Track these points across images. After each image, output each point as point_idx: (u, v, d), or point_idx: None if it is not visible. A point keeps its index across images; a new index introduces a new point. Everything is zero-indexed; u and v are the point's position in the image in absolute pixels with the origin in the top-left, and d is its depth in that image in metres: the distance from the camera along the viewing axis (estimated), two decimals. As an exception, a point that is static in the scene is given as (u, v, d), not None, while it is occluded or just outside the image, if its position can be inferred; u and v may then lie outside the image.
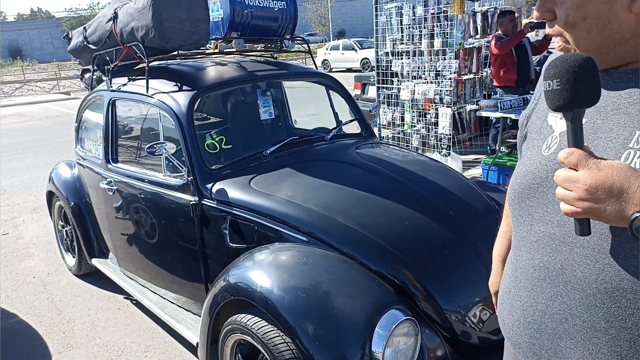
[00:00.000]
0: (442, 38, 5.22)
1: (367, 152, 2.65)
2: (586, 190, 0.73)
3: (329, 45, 23.76)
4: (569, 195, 0.76)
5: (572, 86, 0.76)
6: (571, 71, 0.76)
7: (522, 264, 0.95)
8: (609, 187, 0.72)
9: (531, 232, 0.92)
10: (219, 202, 2.30)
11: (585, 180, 0.73)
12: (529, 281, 0.92)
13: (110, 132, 2.98)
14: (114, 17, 2.76)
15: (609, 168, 0.73)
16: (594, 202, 0.73)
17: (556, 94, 0.78)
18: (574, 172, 0.75)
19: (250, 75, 2.86)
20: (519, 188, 0.96)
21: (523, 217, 0.95)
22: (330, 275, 1.83)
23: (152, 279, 2.89)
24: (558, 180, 0.78)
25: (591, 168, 0.74)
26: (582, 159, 0.75)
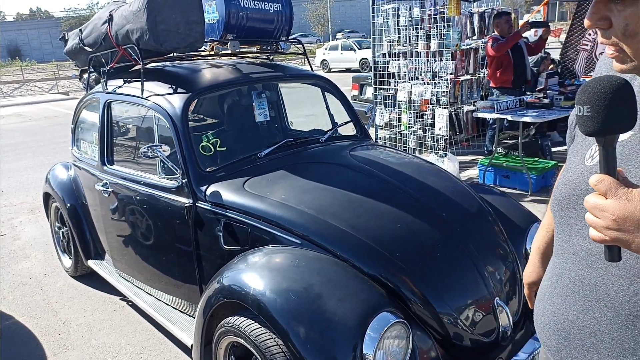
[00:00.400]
0: (439, 39, 5.23)
1: (362, 154, 2.66)
2: (614, 221, 0.71)
3: (328, 46, 23.76)
4: (597, 223, 0.74)
5: (604, 114, 0.73)
6: (602, 98, 0.72)
7: (559, 272, 0.96)
8: (638, 219, 0.70)
9: (570, 243, 0.92)
10: (213, 205, 2.30)
11: (613, 210, 0.71)
12: (563, 290, 0.94)
13: (106, 134, 2.99)
14: (109, 19, 2.77)
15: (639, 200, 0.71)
16: (622, 233, 0.71)
17: (586, 121, 0.74)
18: (603, 199, 0.73)
19: (245, 77, 2.87)
20: (559, 196, 0.95)
21: (563, 226, 0.95)
22: (322, 277, 1.83)
23: (148, 280, 2.90)
24: (587, 207, 0.75)
25: (620, 198, 0.71)
26: (611, 188, 0.72)
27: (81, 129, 3.52)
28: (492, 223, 2.24)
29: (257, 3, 3.06)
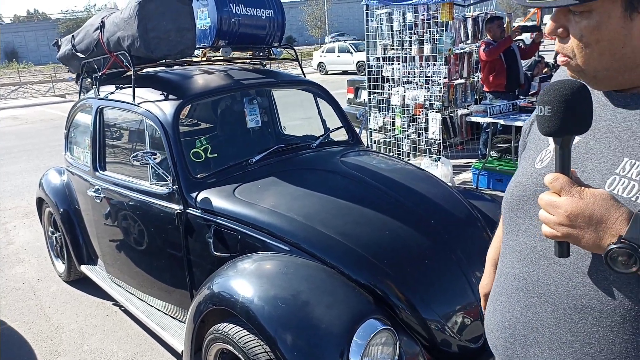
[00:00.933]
0: (432, 44, 5.25)
1: (352, 160, 2.68)
2: (566, 217, 0.75)
3: (325, 48, 23.80)
4: (550, 219, 0.78)
5: (563, 114, 0.77)
6: (563, 99, 0.77)
7: (505, 271, 0.99)
8: (589, 215, 0.74)
9: (516, 242, 0.95)
10: (204, 211, 2.31)
11: (566, 207, 0.75)
12: (509, 288, 0.96)
13: (98, 139, 3.00)
14: (101, 26, 2.78)
15: (591, 197, 0.75)
16: (573, 229, 0.75)
17: (547, 121, 0.78)
18: (557, 197, 0.77)
19: (237, 83, 2.88)
20: (510, 198, 0.99)
21: (511, 226, 0.98)
22: (310, 284, 1.85)
23: (139, 286, 2.90)
24: (541, 203, 0.79)
25: (573, 195, 0.75)
26: (565, 186, 0.76)
27: (74, 135, 3.53)
28: (480, 229, 2.26)
29: (249, 9, 3.08)
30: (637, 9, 0.76)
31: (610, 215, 0.73)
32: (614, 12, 0.77)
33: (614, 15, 0.77)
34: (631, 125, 0.82)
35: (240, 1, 3.03)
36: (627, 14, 0.77)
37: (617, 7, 0.77)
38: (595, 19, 0.78)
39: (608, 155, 0.83)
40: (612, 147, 0.83)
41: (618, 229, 0.72)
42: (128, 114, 2.88)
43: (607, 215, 0.73)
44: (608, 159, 0.82)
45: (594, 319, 0.82)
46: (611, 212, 0.73)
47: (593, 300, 0.81)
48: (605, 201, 0.74)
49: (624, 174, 0.79)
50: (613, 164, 0.81)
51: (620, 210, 0.73)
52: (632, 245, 0.71)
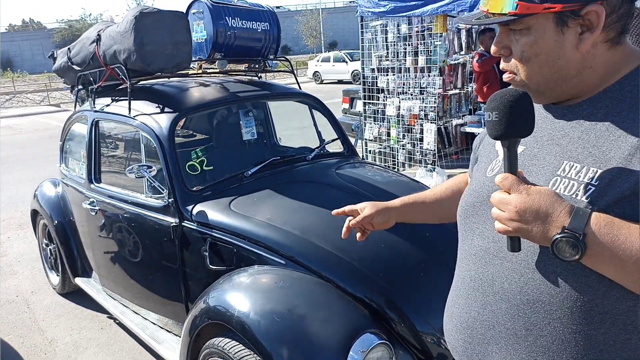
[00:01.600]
0: (426, 55, 5.30)
1: (347, 172, 2.69)
2: (516, 212, 0.82)
3: (320, 57, 23.92)
4: (501, 216, 0.84)
5: (508, 119, 0.85)
6: (508, 105, 0.85)
7: (462, 274, 1.04)
8: (536, 210, 0.80)
9: (471, 246, 1.01)
10: (199, 224, 2.31)
11: (515, 203, 0.82)
12: (466, 290, 1.01)
13: (93, 152, 3.00)
14: (98, 39, 2.79)
15: (537, 194, 0.81)
16: (522, 223, 0.82)
17: (495, 125, 0.86)
18: (507, 195, 0.84)
19: (233, 96, 2.90)
20: (465, 205, 1.06)
21: (466, 232, 1.04)
22: (306, 298, 1.85)
23: (134, 298, 2.89)
24: (493, 202, 0.86)
25: (521, 192, 0.82)
26: (514, 184, 0.83)
27: (69, 146, 3.53)
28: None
29: (244, 22, 3.10)
30: (567, 23, 0.84)
31: (555, 209, 0.80)
32: (547, 28, 0.86)
33: (548, 30, 0.86)
34: (569, 133, 0.90)
35: (236, 14, 3.06)
36: (559, 29, 0.85)
37: (550, 22, 0.85)
38: (533, 35, 0.87)
39: (550, 160, 0.91)
40: (553, 153, 0.91)
41: (562, 221, 0.79)
42: (124, 126, 2.88)
43: (552, 209, 0.80)
44: (550, 163, 0.90)
45: (545, 312, 0.87)
46: (555, 206, 0.80)
47: (543, 293, 0.87)
48: (549, 196, 0.81)
49: (565, 174, 0.87)
50: (555, 167, 0.89)
51: (563, 204, 0.80)
52: (574, 234, 0.77)
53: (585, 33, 0.85)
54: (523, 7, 0.85)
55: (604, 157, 0.83)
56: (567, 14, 0.84)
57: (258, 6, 3.28)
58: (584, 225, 0.77)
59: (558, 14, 0.84)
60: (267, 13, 3.23)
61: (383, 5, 5.27)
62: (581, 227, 0.77)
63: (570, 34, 0.85)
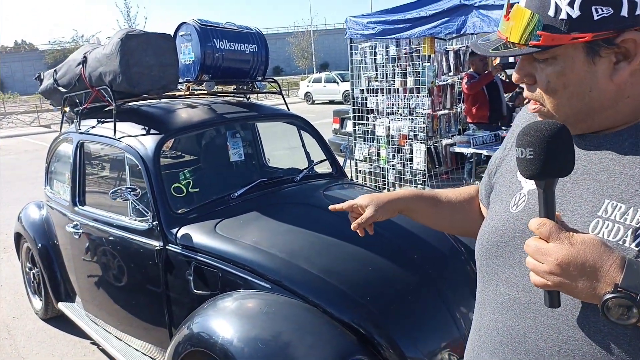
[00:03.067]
0: (415, 76, 5.35)
1: (336, 194, 2.67)
2: (558, 265, 0.71)
3: (312, 78, 24.13)
4: (539, 267, 0.73)
5: (546, 157, 0.74)
6: (545, 141, 0.74)
7: (486, 324, 0.92)
8: (582, 263, 0.70)
9: (497, 293, 0.90)
10: (184, 248, 2.27)
11: (557, 254, 0.71)
12: (492, 343, 0.90)
13: (78, 174, 2.95)
14: (84, 61, 2.78)
15: (582, 244, 0.71)
16: (565, 278, 0.71)
17: (529, 163, 0.76)
18: (545, 243, 0.73)
19: (220, 117, 2.88)
20: (486, 244, 0.93)
21: (489, 275, 0.92)
22: (292, 324, 1.81)
23: (118, 324, 2.82)
24: (529, 251, 0.75)
25: (563, 242, 0.71)
26: (554, 232, 0.72)
27: (54, 168, 3.48)
28: (464, 263, 2.24)
29: (232, 44, 3.11)
30: (599, 53, 0.76)
31: (604, 262, 0.69)
32: (577, 57, 0.77)
33: (578, 60, 0.77)
34: (608, 166, 0.80)
35: (224, 36, 3.06)
36: (589, 59, 0.77)
37: (580, 52, 0.77)
38: (561, 65, 0.78)
39: (588, 198, 0.80)
40: (591, 189, 0.80)
41: (613, 277, 0.68)
42: (109, 148, 2.85)
43: (601, 263, 0.69)
44: (588, 201, 0.80)
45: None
46: (604, 258, 0.69)
47: (587, 355, 0.76)
48: (596, 247, 0.70)
49: (607, 216, 0.76)
50: (594, 206, 0.78)
51: (612, 256, 0.69)
52: (629, 294, 0.67)
53: (621, 62, 0.76)
54: (547, 39, 0.76)
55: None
56: (599, 43, 0.75)
57: (246, 28, 3.30)
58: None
59: (589, 43, 0.75)
60: (255, 35, 3.25)
61: (371, 27, 5.33)
62: (637, 285, 0.67)
63: (603, 63, 0.76)
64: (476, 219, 1.18)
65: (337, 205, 1.26)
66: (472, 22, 4.48)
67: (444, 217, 1.24)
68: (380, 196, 1.21)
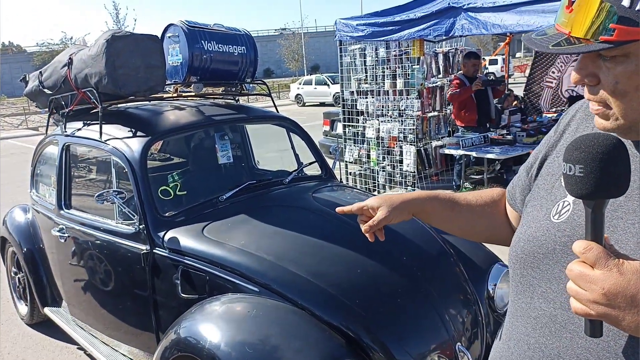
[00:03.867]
0: (404, 79, 5.36)
1: (325, 196, 2.65)
2: (604, 295, 0.64)
3: (302, 80, 24.13)
4: (582, 295, 0.66)
5: (599, 176, 0.66)
6: (598, 158, 0.66)
7: (516, 336, 0.87)
8: (631, 295, 0.63)
9: (531, 306, 0.84)
10: (171, 251, 2.24)
11: (603, 284, 0.64)
12: (521, 358, 0.85)
13: (64, 177, 2.91)
14: (69, 63, 2.74)
15: (633, 274, 0.64)
16: (611, 309, 0.64)
17: (578, 182, 0.68)
18: (590, 270, 0.66)
19: (208, 119, 2.86)
20: (522, 253, 0.87)
21: (524, 285, 0.86)
22: (280, 328, 1.79)
23: (105, 329, 2.78)
24: (571, 276, 0.68)
25: (612, 270, 0.64)
26: (601, 258, 0.65)
27: (40, 171, 3.43)
28: (453, 265, 2.24)
29: (221, 46, 3.09)
30: None
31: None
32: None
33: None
34: None
35: (212, 38, 3.04)
36: None
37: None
38: (634, 63, 0.69)
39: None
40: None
41: None
42: (95, 151, 2.81)
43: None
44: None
45: None
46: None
47: None
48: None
49: None
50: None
51: None
52: None
53: None
54: (622, 33, 0.66)
55: None
56: None
57: (234, 30, 3.28)
58: None
59: None
60: (243, 37, 3.23)
61: (361, 30, 5.34)
62: None
63: None
64: (502, 224, 1.11)
65: (345, 208, 1.16)
66: (460, 25, 4.50)
67: (464, 222, 1.14)
68: (393, 197, 1.12)
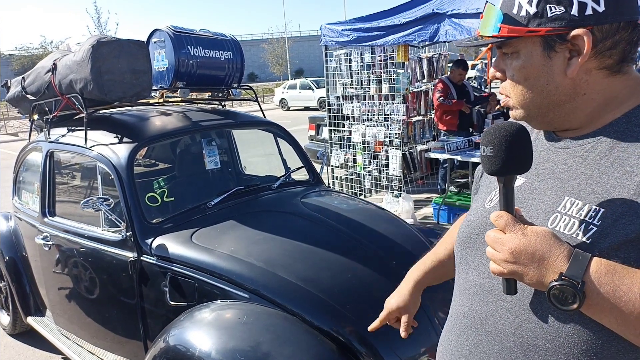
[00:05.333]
0: (390, 83, 5.40)
1: (313, 201, 2.66)
2: (511, 254, 0.77)
3: (287, 85, 24.13)
4: (496, 256, 0.80)
5: (505, 155, 0.80)
6: (504, 140, 0.80)
7: (455, 310, 0.99)
8: (532, 253, 0.76)
9: (466, 280, 0.96)
10: (159, 258, 2.22)
11: (510, 244, 0.78)
12: (458, 327, 0.97)
13: (48, 184, 2.87)
14: (53, 68, 2.71)
15: (534, 235, 0.77)
16: (517, 265, 0.77)
17: (490, 160, 0.82)
18: (502, 234, 0.80)
19: (195, 125, 2.84)
20: (462, 236, 1.00)
21: (462, 265, 0.99)
22: (271, 334, 1.78)
23: (91, 338, 2.74)
24: (488, 240, 0.82)
25: (517, 233, 0.78)
26: (509, 223, 0.79)
27: (23, 178, 3.37)
28: (441, 269, 2.26)
29: (207, 51, 3.08)
30: (554, 48, 0.82)
31: (552, 252, 0.75)
32: (535, 52, 0.84)
33: (535, 55, 0.84)
34: (571, 167, 0.86)
35: (199, 43, 3.04)
36: (545, 53, 0.83)
37: (537, 46, 0.83)
38: (522, 59, 0.86)
39: (551, 195, 0.86)
40: (554, 187, 0.86)
41: (559, 266, 0.74)
42: (80, 157, 2.78)
43: (549, 253, 0.75)
44: (551, 197, 0.86)
45: (539, 357, 0.82)
46: (553, 249, 0.75)
47: (538, 337, 0.82)
48: (547, 238, 0.76)
49: (565, 211, 0.82)
50: (555, 202, 0.84)
51: (561, 247, 0.75)
52: (572, 282, 0.72)
53: (573, 58, 0.82)
54: (506, 30, 0.84)
55: (608, 195, 0.78)
56: (553, 38, 0.81)
57: (221, 35, 3.28)
58: (583, 273, 0.72)
59: (544, 38, 0.82)
60: (230, 42, 3.23)
61: (346, 35, 5.37)
62: (580, 275, 0.72)
63: (559, 58, 0.82)
64: None
65: (375, 324, 1.37)
66: (444, 30, 4.56)
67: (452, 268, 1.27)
68: (402, 293, 1.31)
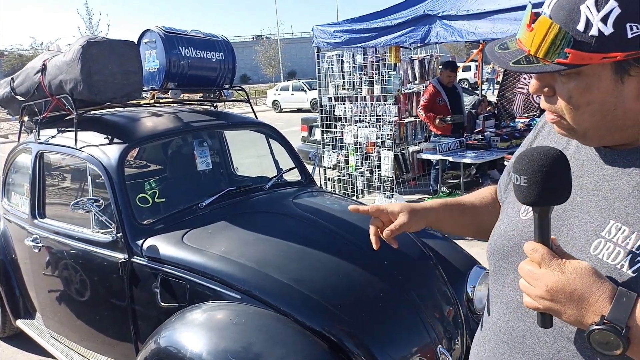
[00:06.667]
0: (382, 84, 5.42)
1: (305, 202, 2.66)
2: (547, 291, 0.72)
3: (279, 86, 24.13)
4: (530, 291, 0.75)
5: (540, 187, 0.73)
6: (539, 170, 0.73)
7: (491, 320, 0.97)
8: (570, 292, 0.71)
9: (502, 293, 0.93)
10: (150, 260, 2.21)
11: (547, 280, 0.72)
12: (494, 339, 0.94)
13: (37, 185, 2.85)
14: (43, 69, 2.69)
15: (572, 272, 0.72)
16: (554, 303, 0.73)
17: (523, 191, 0.75)
18: (537, 268, 0.74)
19: (186, 126, 2.84)
20: (494, 246, 0.96)
21: (497, 275, 0.96)
22: (263, 335, 1.78)
23: (81, 340, 2.71)
24: (522, 273, 0.77)
25: (554, 269, 0.73)
26: (545, 258, 0.74)
27: (12, 180, 3.34)
28: (433, 268, 2.27)
29: (198, 52, 3.07)
30: (628, 72, 0.72)
31: (593, 292, 0.70)
32: (604, 76, 0.73)
33: (605, 78, 0.73)
34: (618, 185, 0.79)
35: (190, 44, 3.03)
36: (617, 77, 0.73)
37: (608, 70, 0.73)
38: (585, 81, 0.75)
39: (594, 215, 0.80)
40: (598, 207, 0.80)
41: (600, 308, 0.69)
42: (70, 158, 2.76)
43: (589, 292, 0.70)
44: (594, 219, 0.79)
45: None
46: (593, 288, 0.70)
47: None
48: (587, 277, 0.71)
49: (610, 237, 0.76)
50: (599, 225, 0.78)
51: (602, 287, 0.70)
52: (615, 327, 0.67)
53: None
54: (576, 57, 0.71)
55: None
56: (629, 62, 0.71)
57: (212, 36, 3.27)
58: (627, 317, 0.67)
59: (619, 61, 0.71)
60: (221, 43, 3.22)
61: (338, 36, 5.38)
62: (624, 319, 0.67)
63: (632, 83, 0.73)
64: None
65: (361, 208, 1.15)
66: (435, 32, 4.58)
67: (470, 223, 1.20)
68: (413, 205, 1.13)
